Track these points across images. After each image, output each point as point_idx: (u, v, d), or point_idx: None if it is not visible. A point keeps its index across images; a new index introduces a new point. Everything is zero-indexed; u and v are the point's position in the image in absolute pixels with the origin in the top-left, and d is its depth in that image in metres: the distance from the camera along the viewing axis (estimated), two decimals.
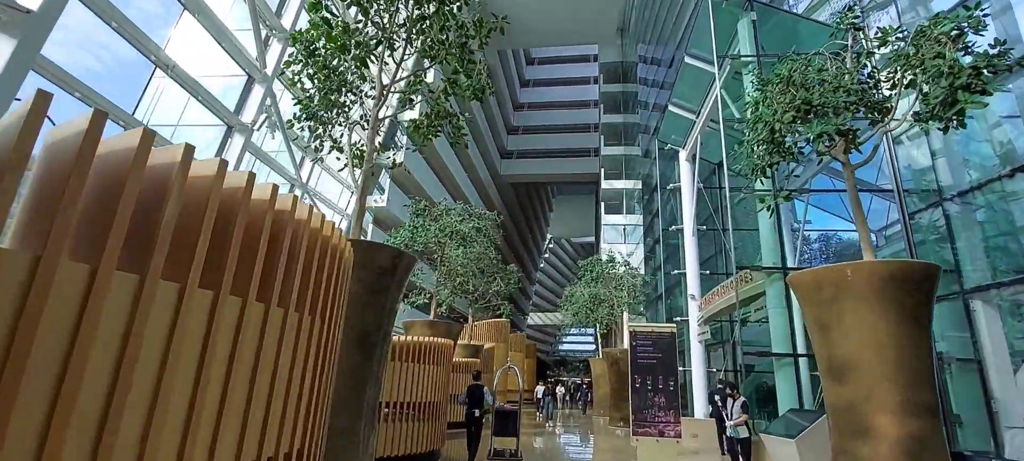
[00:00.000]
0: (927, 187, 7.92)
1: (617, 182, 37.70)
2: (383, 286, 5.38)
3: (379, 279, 5.35)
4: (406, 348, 7.48)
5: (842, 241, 14.12)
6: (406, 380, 7.37)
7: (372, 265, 5.29)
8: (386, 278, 5.41)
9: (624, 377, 16.63)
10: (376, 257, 5.35)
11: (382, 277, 5.38)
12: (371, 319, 5.25)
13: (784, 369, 7.69)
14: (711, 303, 11.26)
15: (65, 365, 1.30)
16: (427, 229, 10.99)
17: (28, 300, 1.23)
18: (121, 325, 1.45)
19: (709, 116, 13.11)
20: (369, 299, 5.26)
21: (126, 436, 1.47)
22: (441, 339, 8.81)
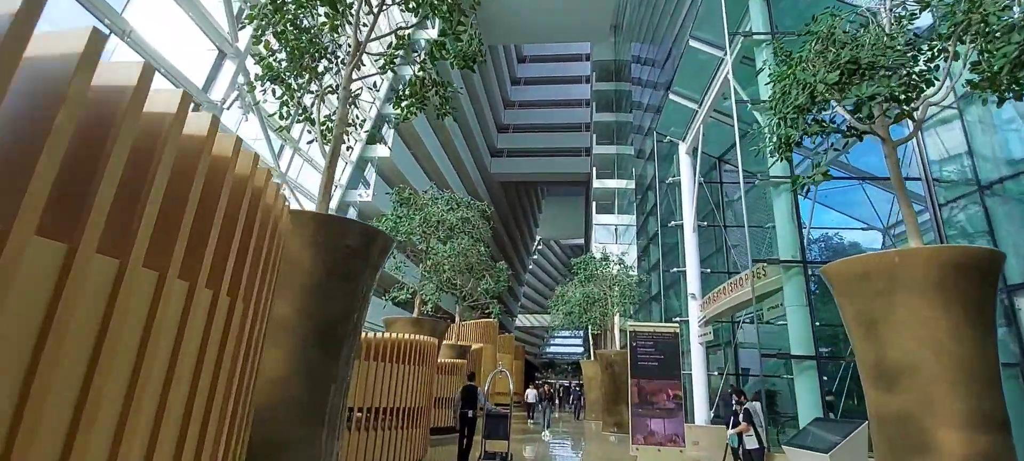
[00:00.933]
0: (956, 177, 7.23)
1: (609, 181, 37.05)
2: (352, 270, 4.50)
3: (347, 261, 4.47)
4: (384, 346, 6.59)
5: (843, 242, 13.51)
6: (383, 382, 6.47)
7: (338, 244, 4.40)
8: (356, 261, 4.53)
9: (619, 380, 15.84)
10: (343, 235, 4.46)
11: (351, 259, 4.50)
12: (337, 309, 4.36)
13: (805, 373, 6.96)
14: (716, 302, 10.52)
15: None
16: (411, 219, 10.10)
17: None
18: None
19: (713, 105, 12.39)
20: (334, 285, 4.37)
21: None
22: (425, 337, 7.92)
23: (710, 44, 11.31)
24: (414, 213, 10.16)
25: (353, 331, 4.59)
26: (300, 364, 4.16)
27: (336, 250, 4.40)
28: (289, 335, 4.16)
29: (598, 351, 17.49)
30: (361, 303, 4.67)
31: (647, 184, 26.24)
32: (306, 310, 4.22)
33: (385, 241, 4.83)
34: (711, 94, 12.03)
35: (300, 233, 4.28)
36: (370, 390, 6.23)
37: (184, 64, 11.11)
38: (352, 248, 4.51)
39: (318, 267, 4.30)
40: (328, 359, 4.32)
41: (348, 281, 4.49)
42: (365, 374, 6.20)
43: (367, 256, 4.66)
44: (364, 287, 4.69)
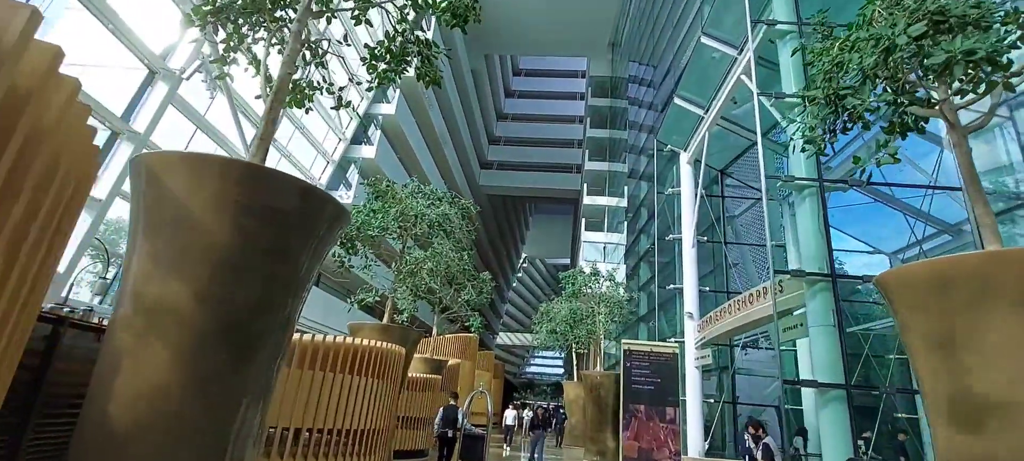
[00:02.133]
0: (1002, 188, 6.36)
1: (600, 198, 36.28)
2: (283, 245, 3.36)
3: (277, 232, 3.33)
4: (335, 353, 5.40)
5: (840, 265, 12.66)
6: (333, 397, 5.26)
7: (264, 207, 3.26)
8: (288, 233, 3.39)
9: (603, 404, 14.67)
10: (274, 194, 3.31)
11: (283, 230, 3.36)
12: (254, 296, 3.21)
13: (832, 405, 5.94)
14: (719, 321, 9.50)
15: None
16: (385, 212, 8.95)
17: None
18: None
19: (721, 111, 11.55)
20: (255, 263, 3.22)
21: None
22: (388, 345, 6.74)
23: (723, 42, 10.49)
24: (390, 206, 9.01)
25: (280, 329, 3.42)
26: (195, 369, 2.98)
27: (261, 214, 3.25)
28: (181, 327, 2.99)
29: (583, 372, 16.33)
30: (295, 292, 3.52)
31: (639, 202, 25.46)
32: (209, 295, 3.05)
33: (336, 211, 3.69)
34: (720, 98, 11.19)
35: (205, 186, 3.14)
36: (312, 407, 5.02)
37: (143, 29, 9.95)
38: (285, 213, 3.37)
39: (231, 236, 3.14)
40: (238, 364, 3.14)
41: (276, 259, 3.34)
42: (307, 386, 4.99)
43: (309, 228, 3.51)
44: (301, 270, 3.54)
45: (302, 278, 3.57)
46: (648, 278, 21.71)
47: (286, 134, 20.56)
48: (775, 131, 12.35)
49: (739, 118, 12.42)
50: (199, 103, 14.68)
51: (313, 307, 22.16)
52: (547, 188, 48.51)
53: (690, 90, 12.45)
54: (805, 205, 6.96)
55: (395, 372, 7.09)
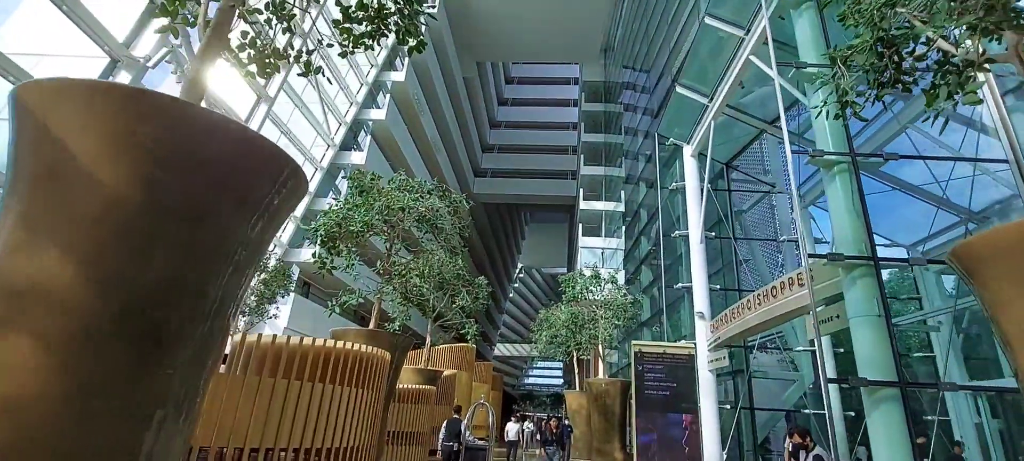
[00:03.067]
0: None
1: (597, 203, 35.60)
2: (207, 207, 2.55)
3: (200, 190, 2.53)
4: (303, 358, 4.56)
5: None
6: (302, 411, 4.42)
7: (181, 154, 2.46)
8: (219, 193, 2.59)
9: (610, 414, 13.82)
10: (194, 137, 2.51)
11: (208, 188, 2.56)
12: (167, 275, 2.40)
13: (883, 407, 5.15)
14: (737, 318, 8.70)
15: None
16: (369, 206, 8.16)
17: None
18: None
19: (727, 98, 10.87)
20: (166, 230, 2.42)
21: None
22: (372, 349, 5.90)
23: (729, 22, 9.83)
24: (374, 200, 8.22)
25: (207, 320, 2.60)
26: (81, 374, 2.16)
27: (180, 165, 2.45)
28: (62, 317, 2.17)
29: (587, 380, 15.48)
30: (228, 274, 2.71)
31: (638, 204, 24.80)
32: (103, 273, 2.24)
33: (289, 171, 2.88)
34: (726, 83, 10.51)
35: (100, 123, 2.34)
36: (274, 422, 4.17)
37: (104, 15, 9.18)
38: (215, 166, 2.57)
39: (136, 192, 2.33)
40: (145, 367, 2.32)
41: (201, 227, 2.53)
42: (267, 397, 4.15)
43: (249, 189, 2.71)
44: (238, 245, 2.73)
45: (240, 256, 2.75)
46: (650, 281, 20.95)
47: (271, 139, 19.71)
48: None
49: (746, 106, 11.76)
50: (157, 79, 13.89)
51: (301, 318, 21.20)
52: (542, 195, 47.85)
53: (693, 78, 11.79)
54: (836, 183, 6.24)
55: (379, 380, 6.24)
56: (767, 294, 7.75)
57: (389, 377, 8.20)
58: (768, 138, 13.94)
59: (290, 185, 2.98)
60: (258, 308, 16.40)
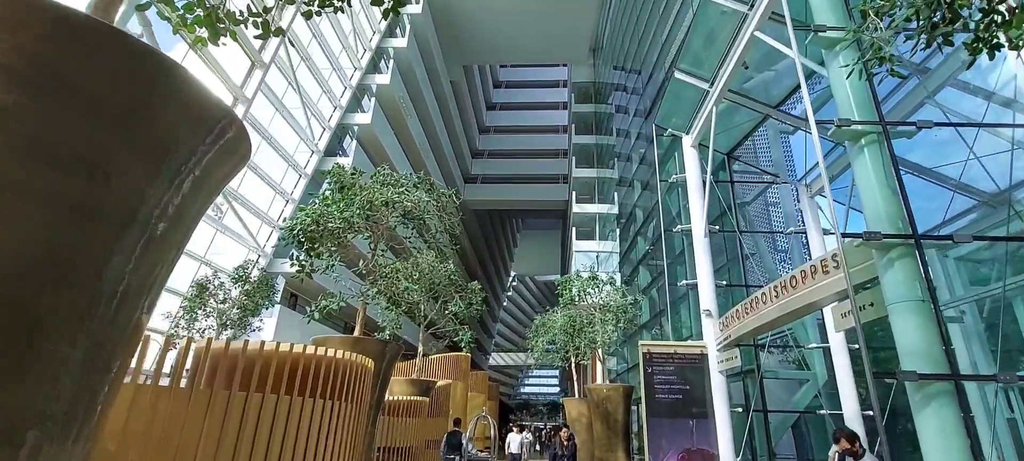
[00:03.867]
0: None
1: (590, 206, 35.04)
2: (105, 156, 1.85)
3: (97, 130, 1.82)
4: (266, 366, 3.84)
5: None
6: (266, 428, 3.69)
7: (75, 78, 1.76)
8: (121, 137, 1.89)
9: (612, 421, 13.12)
10: (95, 59, 1.80)
11: (108, 129, 1.86)
12: (30, 242, 1.69)
13: (933, 403, 4.52)
14: (753, 312, 8.06)
15: None
16: (350, 200, 7.45)
17: None
18: None
19: (728, 83, 10.32)
20: (46, 184, 1.71)
21: None
22: (352, 355, 5.17)
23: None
24: (354, 194, 7.51)
25: (111, 313, 1.89)
26: None
27: (49, 89, 1.74)
28: None
29: (588, 386, 14.77)
30: (142, 252, 1.99)
31: (633, 205, 24.29)
32: None
33: (224, 119, 2.18)
34: (729, 65, 9.96)
35: None
36: (228, 442, 3.43)
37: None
38: (119, 101, 1.87)
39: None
40: (10, 372, 1.62)
41: (98, 185, 1.83)
42: (220, 415, 3.41)
43: (171, 140, 2.01)
44: (152, 215, 2.01)
45: (154, 230, 2.04)
46: (648, 282, 20.36)
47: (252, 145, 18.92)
48: (790, 101, 11.16)
49: (749, 91, 11.23)
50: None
51: (288, 330, 20.28)
52: (534, 200, 47.27)
53: (691, 62, 11.24)
54: (864, 157, 5.65)
55: (362, 391, 5.51)
56: (786, 285, 7.14)
57: (376, 388, 7.45)
58: (770, 128, 13.44)
59: (225, 141, 2.28)
60: (241, 321, 15.52)
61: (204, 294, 14.49)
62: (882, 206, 5.33)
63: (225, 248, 18.78)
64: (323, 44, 23.12)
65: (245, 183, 18.96)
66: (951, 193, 8.96)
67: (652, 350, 7.39)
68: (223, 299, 14.71)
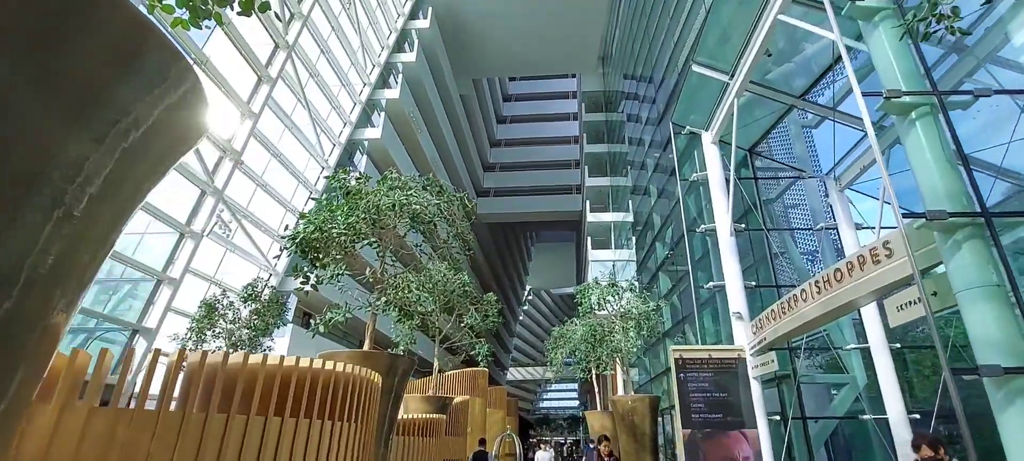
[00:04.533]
0: None
1: (604, 215, 34.44)
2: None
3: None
4: (251, 382, 3.37)
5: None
6: (249, 457, 3.21)
7: None
8: (20, 71, 1.47)
9: (639, 433, 12.41)
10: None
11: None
12: None
13: (1021, 399, 3.89)
14: (791, 311, 7.42)
15: None
16: (355, 205, 7.05)
17: None
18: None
19: (749, 74, 9.79)
20: None
21: None
22: (363, 370, 4.70)
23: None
24: (358, 200, 7.12)
25: (8, 309, 1.44)
26: None
27: None
28: None
29: (612, 398, 14.10)
30: (53, 231, 1.54)
31: (650, 211, 23.69)
32: None
33: (165, 51, 1.74)
34: (750, 54, 9.43)
35: None
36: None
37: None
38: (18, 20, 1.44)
39: None
40: None
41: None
42: (194, 441, 2.94)
43: (94, 80, 1.57)
44: (67, 179, 1.56)
45: (71, 200, 1.59)
46: (669, 288, 19.65)
47: (262, 162, 18.86)
48: (815, 90, 10.57)
49: (772, 82, 10.68)
50: None
51: (301, 350, 19.92)
52: (547, 211, 46.76)
53: (709, 54, 10.74)
54: (916, 131, 5.07)
55: (368, 409, 5.02)
56: (829, 280, 6.51)
57: (387, 405, 6.96)
58: (791, 123, 12.83)
59: (175, 94, 1.83)
60: (251, 341, 15.17)
61: (213, 315, 14.16)
62: (941, 183, 4.73)
63: (237, 268, 18.57)
64: (331, 60, 23.10)
65: (255, 201, 18.79)
66: (992, 178, 8.28)
67: (684, 355, 6.79)
68: (233, 319, 14.39)
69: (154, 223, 14.14)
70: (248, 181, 17.93)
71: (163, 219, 13.61)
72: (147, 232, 14.50)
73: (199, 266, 15.97)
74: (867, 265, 5.72)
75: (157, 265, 14.03)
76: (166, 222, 13.74)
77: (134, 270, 13.66)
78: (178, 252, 14.28)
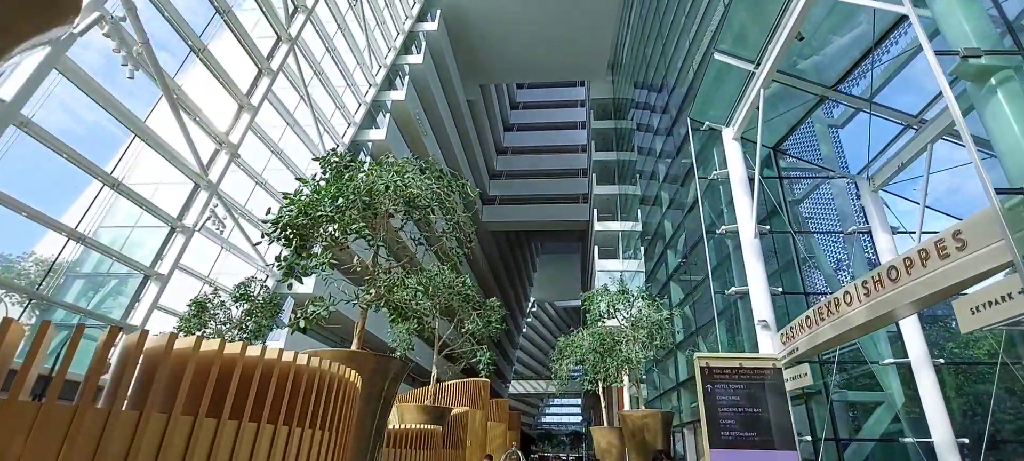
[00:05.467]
0: None
1: (612, 224, 33.60)
2: None
3: None
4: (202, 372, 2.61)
5: None
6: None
7: None
8: None
9: (650, 450, 11.51)
10: None
11: None
12: None
13: None
14: (832, 316, 6.58)
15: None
16: (343, 186, 6.33)
17: None
18: None
19: (779, 60, 9.05)
20: None
21: None
22: (340, 368, 3.94)
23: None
24: (349, 180, 6.40)
25: None
26: None
27: None
28: None
29: (621, 413, 13.20)
30: None
31: (659, 221, 22.90)
32: None
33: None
34: (780, 38, 8.70)
35: None
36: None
37: None
38: None
39: None
40: None
41: None
42: (121, 446, 2.18)
43: None
44: None
45: None
46: (681, 298, 18.75)
47: (262, 160, 18.26)
48: (849, 80, 9.80)
49: (804, 72, 9.93)
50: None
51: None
52: (553, 220, 45.96)
53: (733, 41, 10.02)
54: (997, 98, 4.31)
55: (349, 415, 4.26)
56: (879, 280, 5.69)
57: (375, 413, 6.17)
58: (816, 121, 12.05)
59: None
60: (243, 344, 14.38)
61: (203, 315, 13.42)
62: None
63: (234, 267, 17.91)
64: (337, 59, 22.61)
65: (254, 199, 18.17)
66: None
67: (711, 364, 5.96)
68: (224, 320, 13.64)
69: (144, 217, 13.51)
70: (247, 178, 17.32)
71: (153, 211, 12.96)
72: (136, 226, 13.87)
73: (192, 264, 15.31)
74: (931, 260, 4.91)
75: (146, 260, 13.36)
76: (156, 215, 13.10)
77: (121, 265, 13.00)
78: (168, 247, 13.62)
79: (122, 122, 11.71)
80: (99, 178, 11.38)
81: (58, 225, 10.54)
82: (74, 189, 12.13)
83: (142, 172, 14.30)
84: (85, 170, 11.04)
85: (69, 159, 10.44)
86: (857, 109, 9.78)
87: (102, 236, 13.02)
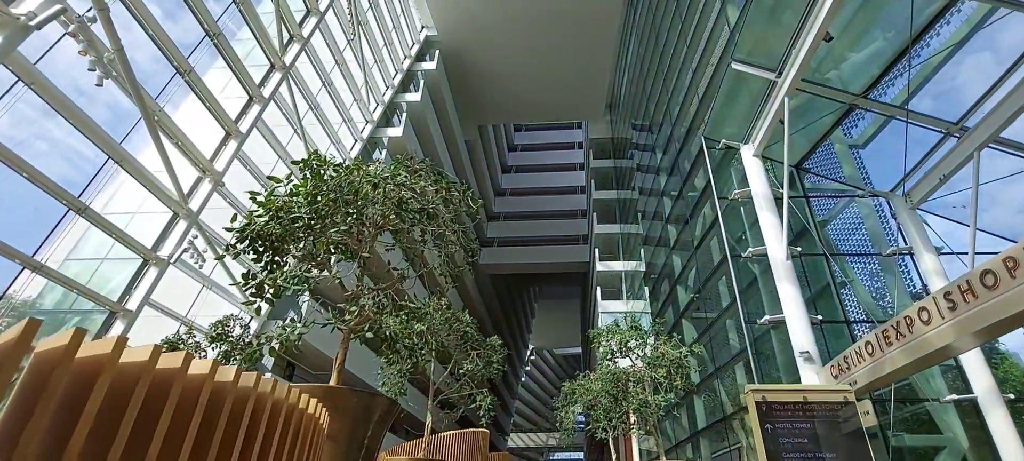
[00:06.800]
0: None
1: (614, 264, 32.63)
2: None
3: None
4: (117, 391, 1.57)
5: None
6: None
7: None
8: None
9: None
10: None
11: None
12: None
13: None
14: (895, 345, 5.51)
15: None
16: (323, 184, 5.37)
17: None
18: None
19: (805, 66, 8.35)
20: None
21: None
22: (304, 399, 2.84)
23: None
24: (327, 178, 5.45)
25: None
26: None
27: None
28: None
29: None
30: None
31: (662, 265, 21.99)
32: None
33: None
34: (806, 41, 8.02)
35: None
36: None
37: None
38: None
39: None
40: None
41: None
42: None
43: None
44: None
45: None
46: (694, 337, 17.53)
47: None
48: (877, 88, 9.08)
49: (829, 80, 9.24)
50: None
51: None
52: (553, 262, 44.89)
53: (749, 50, 9.38)
54: None
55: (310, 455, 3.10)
56: (970, 288, 4.68)
57: (348, 455, 4.97)
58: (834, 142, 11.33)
59: None
60: None
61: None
62: None
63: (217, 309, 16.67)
64: (334, 94, 22.19)
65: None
66: None
67: (769, 398, 4.85)
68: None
69: (116, 248, 12.45)
70: (231, 209, 16.38)
71: (123, 240, 11.91)
72: (107, 258, 12.78)
73: (169, 303, 14.11)
74: None
75: (114, 295, 12.19)
76: (126, 244, 12.04)
77: (86, 300, 11.83)
78: (139, 281, 12.48)
79: (95, 143, 10.87)
80: (64, 201, 10.41)
81: (11, 251, 9.48)
82: (43, 222, 11.15)
83: (120, 202, 13.37)
84: (50, 193, 10.09)
85: (29, 178, 9.50)
86: (889, 117, 9.03)
87: (70, 269, 11.94)
